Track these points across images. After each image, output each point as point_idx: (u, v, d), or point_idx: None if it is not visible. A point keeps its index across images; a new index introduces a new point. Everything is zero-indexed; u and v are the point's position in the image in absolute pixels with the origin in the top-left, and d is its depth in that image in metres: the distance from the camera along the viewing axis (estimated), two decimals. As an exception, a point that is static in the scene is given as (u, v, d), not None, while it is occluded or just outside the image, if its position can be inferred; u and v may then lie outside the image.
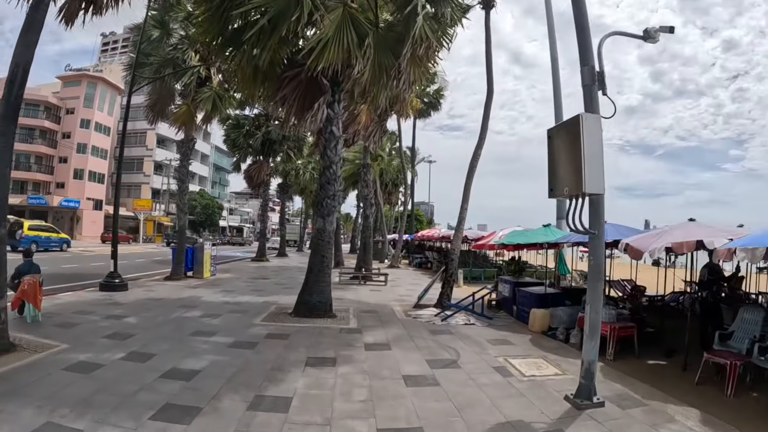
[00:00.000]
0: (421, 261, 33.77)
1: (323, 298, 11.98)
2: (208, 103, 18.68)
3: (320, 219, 12.10)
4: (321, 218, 12.08)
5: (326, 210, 12.06)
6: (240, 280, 20.40)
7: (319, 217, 12.18)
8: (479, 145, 15.21)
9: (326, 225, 12.03)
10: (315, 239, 12.49)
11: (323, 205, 12.07)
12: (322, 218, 12.05)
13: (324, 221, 12.03)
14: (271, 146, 33.06)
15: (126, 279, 16.26)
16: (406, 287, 19.89)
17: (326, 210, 12.06)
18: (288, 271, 26.23)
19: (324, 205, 12.07)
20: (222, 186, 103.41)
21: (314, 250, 12.41)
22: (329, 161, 12.14)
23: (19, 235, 31.26)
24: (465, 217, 15.08)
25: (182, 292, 15.80)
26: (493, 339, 10.49)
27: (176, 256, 19.54)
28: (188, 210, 61.81)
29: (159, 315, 11.52)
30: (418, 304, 14.32)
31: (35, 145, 56.99)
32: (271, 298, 15.14)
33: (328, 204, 12.06)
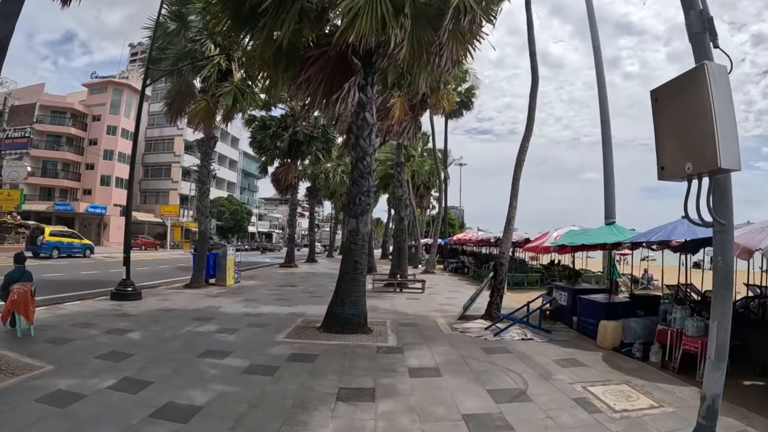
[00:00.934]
0: (457, 266, 32.05)
1: (357, 310, 10.35)
2: (228, 97, 17.24)
3: (353, 219, 10.49)
4: (354, 218, 10.47)
5: (360, 208, 10.46)
6: (265, 287, 18.90)
7: (351, 217, 10.57)
8: (526, 136, 13.65)
9: (360, 226, 10.42)
10: (347, 243, 10.89)
11: (356, 203, 10.47)
12: (355, 218, 10.44)
13: (357, 222, 10.42)
14: (299, 148, 31.66)
15: (143, 287, 15.39)
16: (445, 295, 18.19)
17: (360, 208, 10.46)
18: (317, 277, 24.71)
19: (357, 203, 10.47)
20: (251, 192, 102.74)
21: (346, 255, 10.80)
22: (362, 152, 10.54)
23: (41, 240, 30.50)
24: (514, 216, 13.39)
25: (200, 301, 14.35)
26: (560, 359, 8.74)
27: (197, 263, 18.15)
28: (216, 215, 61.50)
29: (168, 329, 10.02)
30: (464, 315, 12.64)
31: (62, 152, 56.93)
32: (298, 308, 13.57)
33: (362, 201, 10.47)
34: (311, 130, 31.37)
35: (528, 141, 13.64)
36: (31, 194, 55.52)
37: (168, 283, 19.14)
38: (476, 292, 13.12)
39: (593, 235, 12.42)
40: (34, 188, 56.36)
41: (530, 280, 22.59)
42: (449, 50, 10.29)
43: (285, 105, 31.75)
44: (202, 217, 18.47)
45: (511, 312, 12.00)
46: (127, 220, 15.50)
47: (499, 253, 13.26)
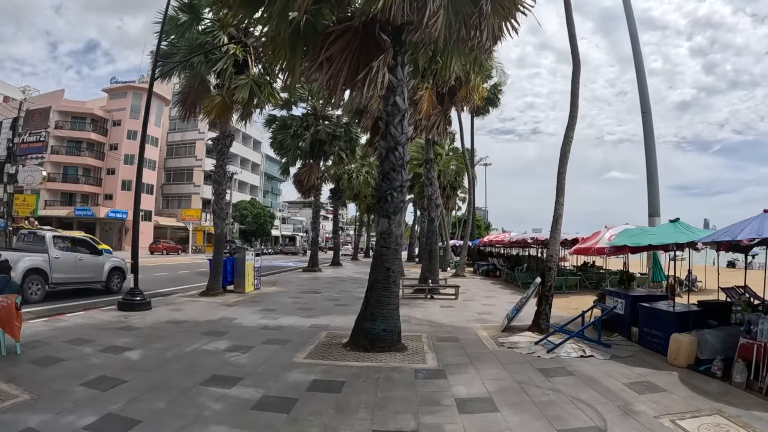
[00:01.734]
0: (488, 269, 30.51)
1: (390, 324, 8.93)
2: (244, 90, 15.99)
3: (384, 219, 9.08)
4: (385, 218, 9.06)
5: (392, 207, 9.05)
6: (287, 294, 17.60)
7: (382, 217, 9.16)
8: (570, 125, 12.24)
9: (392, 227, 9.01)
10: (377, 247, 9.36)
11: (387, 200, 9.05)
12: (386, 218, 9.03)
13: (389, 222, 9.02)
14: (321, 147, 30.40)
15: (157, 294, 14.99)
16: (481, 302, 16.73)
17: (392, 207, 9.05)
18: (342, 283, 23.37)
19: (389, 200, 9.05)
20: (274, 195, 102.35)
21: (377, 260, 9.26)
22: (393, 142, 9.13)
23: (58, 247, 29.44)
24: (561, 214, 11.90)
25: (214, 311, 13.09)
26: (633, 382, 7.28)
27: (212, 268, 16.93)
28: (239, 219, 60.68)
29: (172, 347, 8.74)
30: (509, 327, 11.18)
31: (83, 157, 56.80)
32: (322, 320, 12.20)
33: (394, 199, 9.05)
34: (333, 129, 30.10)
35: (572, 130, 12.27)
36: (52, 200, 55.43)
37: (184, 290, 17.96)
38: (522, 301, 11.62)
39: (659, 234, 10.83)
40: (55, 194, 56.25)
41: (569, 283, 21.00)
42: (489, 24, 8.90)
43: (306, 104, 30.62)
44: (219, 220, 17.22)
45: (564, 323, 10.55)
46: (135, 225, 14.36)
47: (547, 256, 11.77)
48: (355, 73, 8.94)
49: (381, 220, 9.03)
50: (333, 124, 30.46)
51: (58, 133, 54.84)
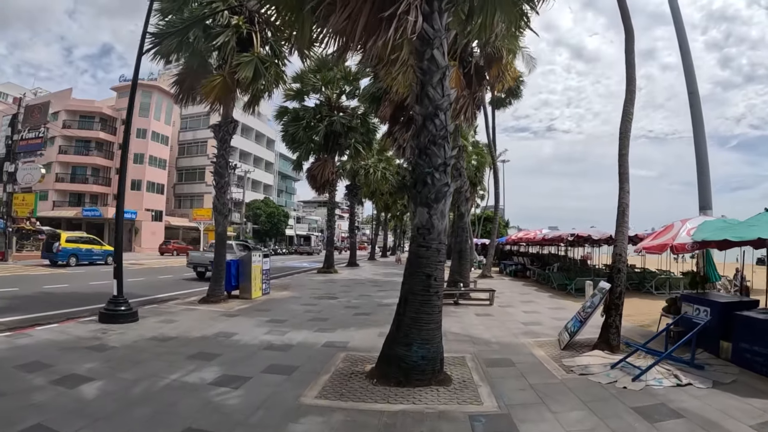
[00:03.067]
0: (516, 269, 28.28)
1: (430, 351, 6.72)
2: (247, 68, 14.00)
3: (422, 209, 6.83)
4: (424, 207, 6.81)
5: (433, 192, 6.80)
6: (299, 301, 15.51)
7: (420, 206, 6.87)
8: (628, 100, 10.24)
9: (434, 219, 6.79)
10: (414, 246, 6.99)
11: (427, 183, 6.79)
12: (425, 207, 6.79)
13: (429, 212, 6.78)
14: (336, 140, 28.35)
15: (153, 300, 13.95)
16: (521, 308, 14.57)
17: (433, 192, 6.80)
18: (360, 286, 21.24)
19: (429, 183, 6.79)
20: (289, 194, 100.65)
21: (413, 264, 6.91)
22: (433, 106, 6.93)
23: (56, 248, 28.02)
24: (628, 204, 9.77)
25: (211, 323, 11.05)
26: (761, 423, 5.32)
27: (214, 272, 14.93)
28: (252, 219, 58.83)
29: (145, 378, 6.68)
30: (570, 344, 9.03)
31: (91, 157, 55.44)
32: (338, 335, 10.06)
33: (436, 181, 6.79)
34: (349, 120, 28.04)
35: (632, 105, 10.29)
36: (60, 200, 54.15)
37: (185, 296, 16.03)
38: (586, 311, 9.43)
39: (757, 226, 8.56)
40: (64, 194, 54.94)
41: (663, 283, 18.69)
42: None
43: (319, 94, 28.60)
44: (221, 216, 15.16)
45: (647, 340, 8.34)
46: (118, 225, 12.26)
47: (614, 256, 9.56)
48: (378, 12, 6.75)
49: (418, 210, 6.84)
50: (348, 115, 28.41)
51: (66, 132, 53.50)
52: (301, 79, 27.28)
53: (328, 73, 27.16)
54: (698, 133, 19.75)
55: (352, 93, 28.37)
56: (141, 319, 11.26)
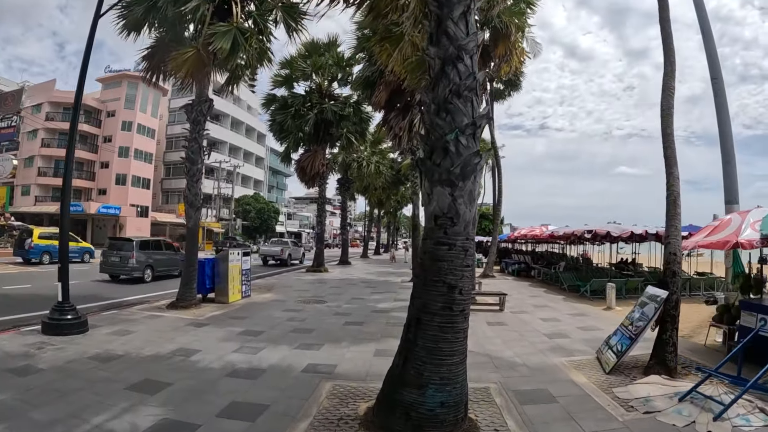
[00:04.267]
0: (519, 268, 26.45)
1: (452, 394, 4.76)
2: (224, 40, 12.10)
3: (443, 189, 4.86)
4: (445, 186, 4.84)
5: (457, 164, 4.82)
6: (282, 305, 13.59)
7: (439, 184, 4.88)
8: (668, 72, 8.66)
9: (459, 204, 4.83)
10: (429, 244, 5.01)
11: (449, 151, 4.84)
12: (447, 186, 4.82)
13: (453, 194, 4.82)
14: (327, 130, 26.31)
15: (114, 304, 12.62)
16: (537, 314, 12.72)
17: (457, 164, 4.82)
18: (352, 287, 19.32)
19: (452, 152, 4.84)
20: (280, 190, 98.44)
21: (428, 271, 4.93)
22: (455, 47, 4.95)
23: (28, 244, 25.96)
24: (679, 192, 8.00)
25: (172, 337, 9.14)
26: None
27: (184, 272, 13.02)
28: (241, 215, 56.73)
29: (61, 419, 4.93)
30: (617, 368, 7.20)
31: (75, 150, 52.67)
32: (324, 354, 8.12)
33: (462, 150, 4.84)
34: (341, 108, 26.03)
35: (673, 78, 8.71)
36: (43, 195, 52.10)
37: (157, 298, 14.17)
38: (636, 325, 7.54)
39: None
40: (47, 189, 52.77)
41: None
42: None
43: (309, 81, 26.62)
44: (192, 209, 13.23)
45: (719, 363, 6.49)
46: (62, 219, 10.40)
47: (667, 256, 7.72)
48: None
49: (436, 192, 4.87)
50: (340, 103, 26.41)
51: (49, 125, 51.28)
52: (290, 65, 25.32)
53: (319, 58, 25.20)
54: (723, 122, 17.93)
55: (345, 79, 26.35)
56: (92, 330, 9.51)
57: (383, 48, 14.82)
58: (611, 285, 14.30)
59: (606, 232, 17.10)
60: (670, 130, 8.37)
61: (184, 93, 14.35)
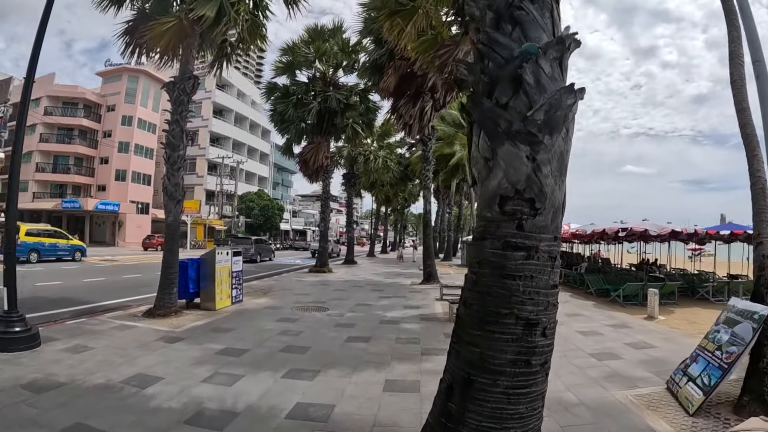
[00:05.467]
0: (537, 269, 24.61)
1: None
2: (209, 6, 10.48)
3: (514, 148, 3.06)
4: (518, 144, 3.05)
5: (539, 108, 3.01)
6: (276, 313, 11.84)
7: (508, 140, 3.07)
8: (734, 39, 7.80)
9: (542, 176, 3.04)
10: (489, 247, 3.20)
11: (524, 83, 3.04)
12: (523, 144, 3.04)
13: (532, 155, 3.03)
14: (331, 120, 24.52)
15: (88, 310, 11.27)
16: (571, 325, 10.89)
17: (539, 108, 3.01)
18: (358, 290, 17.53)
19: (529, 84, 3.03)
20: (285, 187, 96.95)
21: (486, 293, 3.17)
22: None
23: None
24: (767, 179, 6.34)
25: (135, 356, 7.43)
26: None
27: (162, 275, 11.28)
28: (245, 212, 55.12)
29: None
30: (705, 406, 5.45)
31: (74, 146, 51.74)
32: (319, 386, 6.35)
33: (544, 83, 3.05)
34: (346, 96, 24.26)
35: (740, 46, 7.85)
36: (41, 191, 50.74)
37: (137, 303, 12.48)
38: (729, 351, 5.80)
39: None
40: (45, 185, 51.43)
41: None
42: None
43: (311, 69, 24.87)
44: (171, 202, 11.47)
45: None
46: (8, 220, 8.72)
47: (761, 259, 5.98)
48: None
49: (503, 153, 3.08)
50: (346, 91, 24.63)
51: (47, 119, 49.96)
52: (291, 51, 23.64)
53: (323, 44, 23.45)
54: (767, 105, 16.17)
55: (350, 66, 24.55)
56: (45, 344, 7.85)
57: (394, 23, 13.31)
58: (654, 291, 12.50)
59: (643, 230, 15.26)
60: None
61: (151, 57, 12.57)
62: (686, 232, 15.91)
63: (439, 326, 10.61)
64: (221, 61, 13.46)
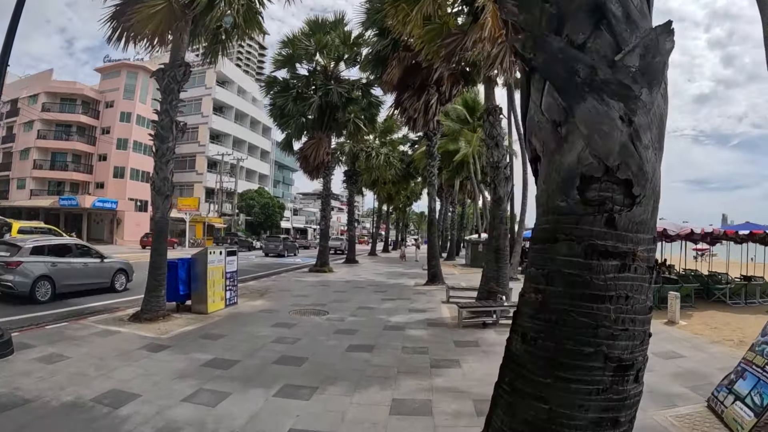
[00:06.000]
0: (546, 270, 23.71)
1: None
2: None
3: (599, 104, 2.23)
4: (606, 100, 2.23)
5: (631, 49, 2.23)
6: (272, 317, 11.08)
7: (590, 94, 2.26)
8: None
9: (639, 145, 2.21)
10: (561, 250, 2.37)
11: (606, 18, 2.25)
12: (612, 100, 2.23)
13: (627, 115, 2.21)
14: (333, 115, 23.74)
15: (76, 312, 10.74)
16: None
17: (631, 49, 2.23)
18: (359, 291, 16.80)
19: (612, 18, 2.25)
20: (286, 185, 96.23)
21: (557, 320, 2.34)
22: None
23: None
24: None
25: (114, 366, 6.72)
26: None
27: (150, 276, 10.51)
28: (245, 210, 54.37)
29: None
30: (755, 430, 4.72)
31: (71, 142, 51.02)
32: (317, 408, 5.55)
33: (635, 17, 2.29)
34: (348, 90, 23.50)
35: None
36: (38, 189, 50.08)
37: (126, 305, 11.79)
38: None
39: None
40: (42, 182, 50.79)
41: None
42: None
43: (312, 62, 24.12)
44: (160, 197, 10.69)
45: None
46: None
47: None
48: None
49: (582, 111, 2.26)
50: (348, 84, 23.89)
51: (45, 116, 49.27)
52: (291, 44, 22.89)
53: (324, 36, 22.71)
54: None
55: (352, 59, 23.81)
56: (18, 352, 7.17)
57: (399, 9, 12.63)
58: (675, 294, 11.75)
59: (662, 229, 14.51)
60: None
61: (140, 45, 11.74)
62: (704, 231, 15.16)
63: (447, 333, 9.85)
64: (216, 48, 12.75)
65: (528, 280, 2.57)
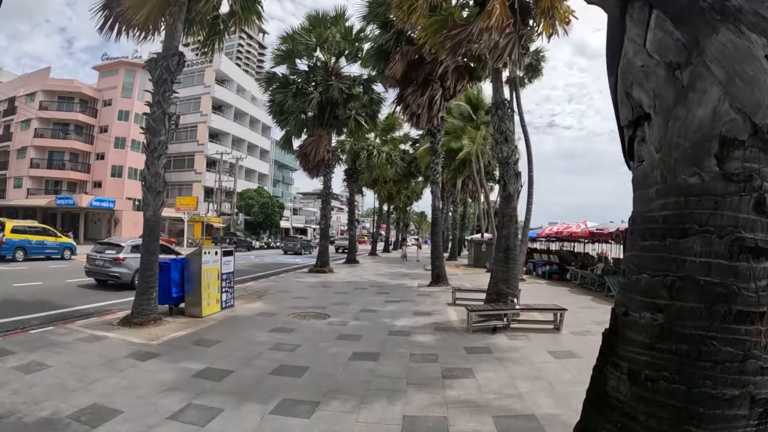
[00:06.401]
0: (552, 270, 23.26)
1: None
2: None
3: (737, 37, 1.59)
4: (746, 31, 1.61)
5: None
6: (270, 322, 10.52)
7: (725, 25, 1.60)
8: None
9: None
10: (692, 248, 1.74)
11: None
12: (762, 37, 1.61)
13: None
14: (333, 111, 23.19)
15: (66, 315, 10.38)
16: (609, 338, 9.59)
17: None
18: (362, 292, 16.23)
19: None
20: (286, 185, 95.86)
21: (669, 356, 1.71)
22: None
23: (0, 239, 22.92)
24: None
25: (97, 376, 6.15)
26: None
27: (140, 277, 9.95)
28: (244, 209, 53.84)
29: None
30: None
31: (69, 141, 50.66)
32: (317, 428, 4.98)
33: None
34: (349, 86, 22.95)
35: None
36: (35, 188, 49.68)
37: (116, 308, 11.31)
38: None
39: None
40: (39, 181, 50.39)
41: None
42: None
43: (312, 58, 23.58)
44: (151, 195, 10.09)
45: None
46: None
47: None
48: None
49: (714, 47, 1.52)
50: (349, 80, 23.34)
51: (43, 114, 48.79)
52: (291, 39, 22.35)
53: (324, 31, 22.16)
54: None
55: (354, 54, 23.27)
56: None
57: (403, 0, 12.25)
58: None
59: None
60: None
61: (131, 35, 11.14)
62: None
63: (456, 338, 9.27)
64: (213, 39, 12.19)
65: (636, 292, 1.90)
